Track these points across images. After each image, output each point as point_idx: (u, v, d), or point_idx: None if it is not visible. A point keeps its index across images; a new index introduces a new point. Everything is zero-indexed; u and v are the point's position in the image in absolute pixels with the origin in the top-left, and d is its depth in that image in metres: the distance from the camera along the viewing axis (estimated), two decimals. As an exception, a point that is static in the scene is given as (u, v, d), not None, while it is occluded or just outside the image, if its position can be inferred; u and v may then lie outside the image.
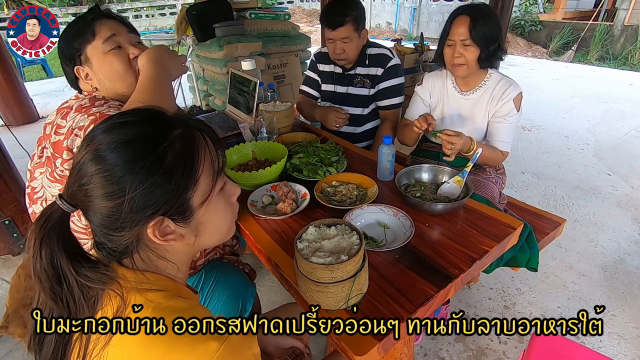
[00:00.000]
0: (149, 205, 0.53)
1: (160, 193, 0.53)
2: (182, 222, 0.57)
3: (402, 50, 3.09)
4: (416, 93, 1.65)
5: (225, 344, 0.49)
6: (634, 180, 2.88)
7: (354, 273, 0.78)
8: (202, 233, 0.61)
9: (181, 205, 0.56)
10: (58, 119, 0.93)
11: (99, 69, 0.98)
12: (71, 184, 0.54)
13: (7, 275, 2.07)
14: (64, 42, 0.98)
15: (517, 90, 1.42)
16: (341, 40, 1.70)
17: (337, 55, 1.77)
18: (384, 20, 10.75)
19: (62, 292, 0.51)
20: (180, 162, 0.54)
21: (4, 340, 1.68)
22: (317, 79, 2.00)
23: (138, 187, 0.51)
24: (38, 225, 0.52)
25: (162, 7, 10.77)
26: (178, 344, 0.48)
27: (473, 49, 1.36)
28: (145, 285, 0.56)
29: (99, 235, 0.56)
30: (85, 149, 0.53)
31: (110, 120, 0.55)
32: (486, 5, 1.39)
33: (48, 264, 0.51)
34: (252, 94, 1.80)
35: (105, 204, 0.52)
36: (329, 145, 1.53)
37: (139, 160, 0.51)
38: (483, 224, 1.06)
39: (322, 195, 1.19)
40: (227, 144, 1.67)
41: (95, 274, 0.53)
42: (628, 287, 1.88)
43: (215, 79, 3.43)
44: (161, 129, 0.55)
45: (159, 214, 0.54)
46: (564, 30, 7.62)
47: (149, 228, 0.54)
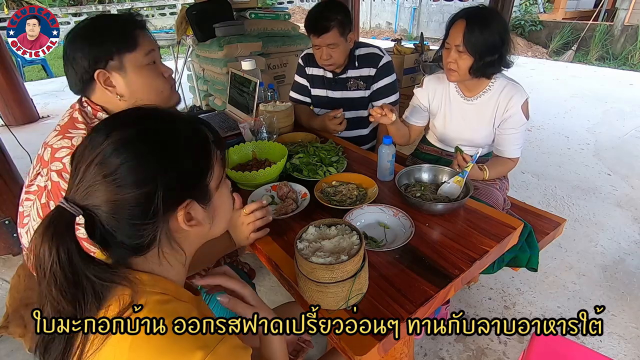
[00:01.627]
0: (179, 187, 0.55)
1: (188, 175, 0.56)
2: (204, 205, 0.60)
3: (402, 50, 3.09)
4: (415, 96, 1.61)
5: (210, 354, 0.48)
6: (634, 180, 2.88)
7: (354, 273, 0.78)
8: (215, 219, 0.64)
9: (203, 187, 0.59)
10: (67, 161, 0.86)
11: (135, 80, 0.95)
12: (83, 184, 0.52)
13: (7, 275, 2.07)
14: (91, 42, 0.90)
15: (524, 97, 1.36)
16: (327, 47, 1.64)
17: (325, 62, 1.71)
18: (384, 20, 10.75)
19: (78, 292, 0.51)
20: (200, 145, 0.58)
21: (4, 340, 1.68)
22: (306, 84, 1.93)
23: (168, 170, 0.53)
24: (48, 226, 0.50)
25: (162, 7, 10.76)
26: (167, 349, 0.48)
27: (466, 56, 1.28)
28: (154, 287, 0.56)
29: (119, 231, 0.54)
30: (102, 144, 0.52)
31: (124, 116, 0.56)
32: (491, 10, 1.28)
33: (66, 263, 0.50)
34: (252, 94, 1.80)
35: (135, 192, 0.52)
36: (329, 145, 1.53)
37: (166, 145, 0.54)
38: (483, 224, 1.06)
39: (322, 195, 1.19)
40: (227, 144, 1.67)
41: (108, 274, 0.53)
42: (628, 287, 1.88)
43: (215, 79, 3.43)
44: (175, 119, 0.58)
45: (188, 197, 0.56)
46: (564, 30, 7.61)
47: (180, 211, 0.56)
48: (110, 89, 0.93)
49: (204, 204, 0.60)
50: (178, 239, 0.59)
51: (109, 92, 0.94)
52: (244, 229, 1.00)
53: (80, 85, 0.95)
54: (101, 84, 0.92)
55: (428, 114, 1.62)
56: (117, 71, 0.93)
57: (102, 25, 0.92)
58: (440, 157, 1.66)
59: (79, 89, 0.96)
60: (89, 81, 0.94)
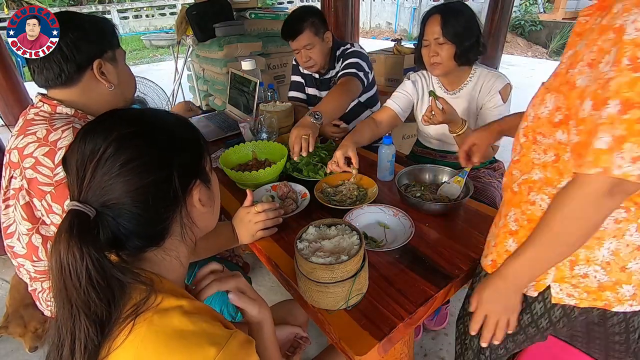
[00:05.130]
0: (189, 168, 0.60)
1: (193, 156, 0.61)
2: (208, 187, 0.64)
3: (402, 50, 3.08)
4: (404, 84, 1.60)
5: (223, 350, 0.49)
6: (634, 180, 2.88)
7: (354, 273, 0.78)
8: (215, 202, 0.68)
9: (203, 169, 0.63)
10: (39, 153, 0.85)
11: (123, 72, 1.03)
12: (96, 182, 0.52)
13: (7, 275, 2.07)
14: (96, 33, 0.94)
15: (504, 82, 1.40)
16: (304, 48, 1.70)
17: (306, 64, 1.75)
18: (384, 20, 10.75)
19: (109, 293, 0.50)
20: (191, 131, 0.63)
21: (4, 340, 1.68)
22: (301, 81, 1.99)
23: (179, 152, 0.57)
24: (70, 232, 0.49)
25: (162, 7, 10.77)
26: (176, 346, 0.48)
27: (447, 46, 1.34)
28: (162, 286, 0.56)
29: (140, 222, 0.54)
30: (108, 139, 0.52)
31: (115, 114, 0.58)
32: (459, 2, 1.38)
33: (97, 266, 0.49)
34: (252, 94, 1.80)
35: (154, 177, 0.54)
36: (329, 145, 1.53)
37: (169, 131, 0.58)
38: (483, 224, 1.06)
39: (322, 195, 1.19)
40: (227, 144, 1.67)
41: (130, 274, 0.53)
42: (628, 287, 1.88)
43: (215, 79, 3.44)
44: (159, 113, 0.63)
45: (196, 177, 0.61)
46: (564, 30, 7.62)
47: (195, 190, 0.60)
48: (103, 78, 0.96)
49: (208, 186, 0.64)
50: (194, 219, 0.62)
51: (102, 80, 0.96)
52: (252, 227, 1.01)
53: (70, 74, 0.92)
54: (97, 73, 0.95)
55: (411, 105, 1.60)
56: (110, 62, 0.98)
57: (102, 21, 0.98)
58: (434, 159, 1.67)
59: (65, 79, 0.93)
60: (83, 69, 0.93)
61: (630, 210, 0.65)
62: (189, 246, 0.64)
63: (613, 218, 0.65)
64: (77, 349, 0.49)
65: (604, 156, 0.55)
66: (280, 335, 0.98)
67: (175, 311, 0.51)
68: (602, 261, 0.68)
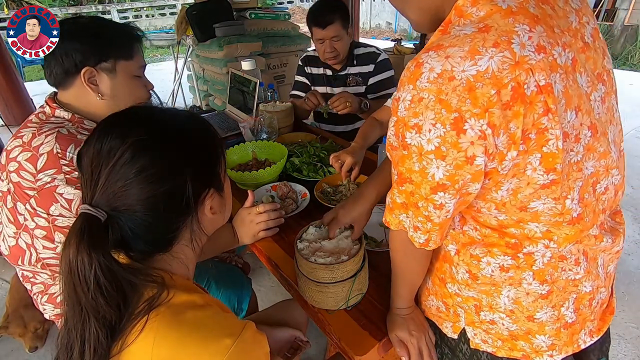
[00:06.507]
0: (203, 176, 0.59)
1: (207, 164, 0.60)
2: (220, 195, 0.64)
3: (401, 50, 3.09)
4: None
5: (238, 340, 0.49)
6: (634, 180, 2.88)
7: (354, 273, 0.78)
8: (226, 207, 0.68)
9: (218, 176, 0.63)
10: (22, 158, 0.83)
11: (122, 85, 0.97)
12: (110, 187, 0.51)
13: (7, 275, 2.07)
14: (92, 40, 0.91)
15: None
16: (331, 40, 1.70)
17: (329, 54, 1.75)
18: (384, 20, 10.75)
19: (119, 296, 0.50)
20: (210, 136, 0.63)
21: (4, 340, 1.68)
22: (306, 82, 1.99)
23: (193, 160, 0.57)
24: (80, 236, 0.49)
25: (162, 7, 10.76)
26: (191, 340, 0.48)
27: None
28: (173, 282, 0.56)
29: (150, 229, 0.54)
30: (123, 145, 0.52)
31: (130, 115, 0.58)
32: None
33: (107, 270, 0.49)
34: (252, 94, 1.80)
35: (168, 186, 0.54)
36: (329, 145, 1.53)
37: (185, 137, 0.58)
38: (483, 224, 1.06)
39: (322, 195, 1.19)
40: (227, 144, 1.67)
41: (142, 275, 0.53)
42: (628, 287, 1.88)
43: (215, 79, 3.44)
44: (179, 114, 0.62)
45: (209, 186, 0.60)
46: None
47: (207, 199, 0.60)
48: (92, 87, 0.93)
49: (220, 194, 0.64)
50: (203, 226, 0.62)
51: (89, 89, 0.93)
52: (254, 227, 1.01)
53: (59, 77, 0.93)
54: (84, 80, 0.92)
55: None
56: (106, 72, 0.94)
57: (105, 27, 0.94)
58: None
59: (56, 80, 0.94)
60: (72, 75, 0.93)
61: (517, 257, 0.61)
62: (196, 251, 0.64)
63: (498, 265, 0.62)
64: (86, 352, 0.49)
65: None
66: (280, 336, 0.98)
67: (188, 305, 0.52)
68: (505, 309, 0.64)
